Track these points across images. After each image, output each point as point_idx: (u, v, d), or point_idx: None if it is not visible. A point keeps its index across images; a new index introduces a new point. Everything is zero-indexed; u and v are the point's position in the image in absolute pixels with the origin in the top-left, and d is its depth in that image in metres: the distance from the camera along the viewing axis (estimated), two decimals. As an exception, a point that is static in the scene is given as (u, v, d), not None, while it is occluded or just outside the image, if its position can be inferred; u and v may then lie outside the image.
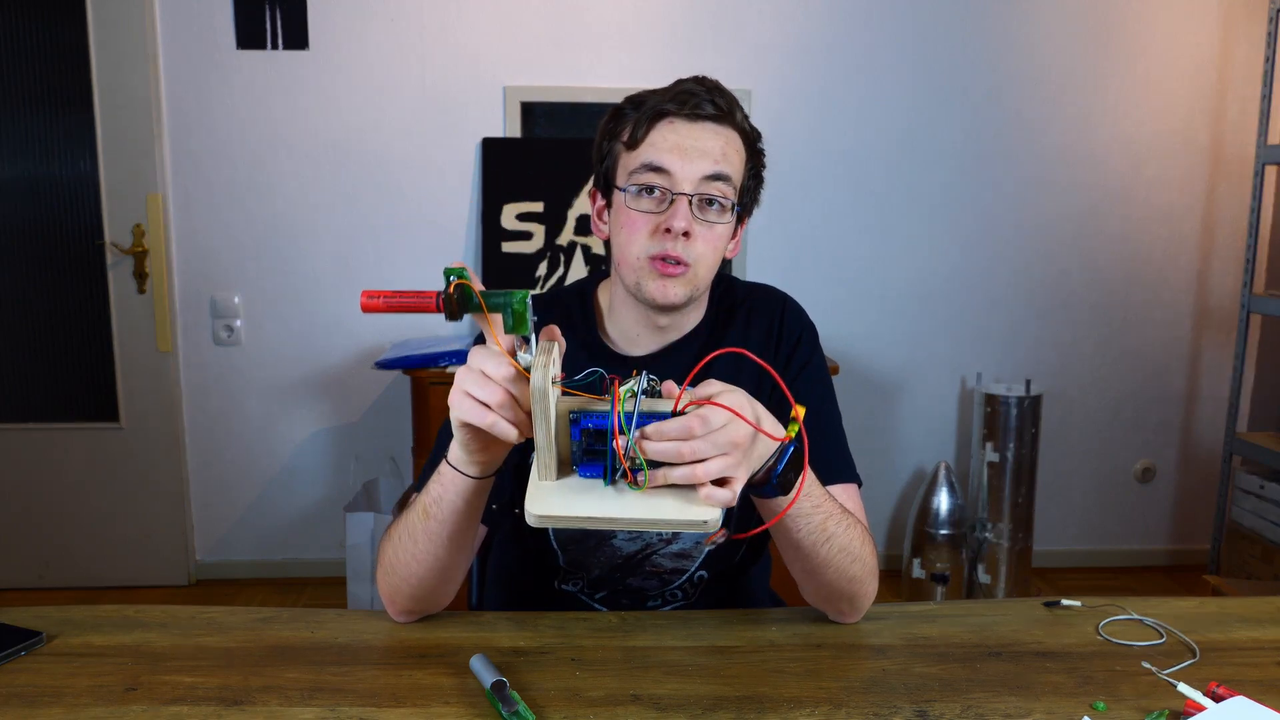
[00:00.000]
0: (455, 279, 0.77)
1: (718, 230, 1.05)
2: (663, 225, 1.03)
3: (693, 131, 1.04)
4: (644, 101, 1.06)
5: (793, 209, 2.91)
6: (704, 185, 1.03)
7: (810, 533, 0.94)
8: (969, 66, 2.88)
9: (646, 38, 2.81)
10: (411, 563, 0.98)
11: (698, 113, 1.04)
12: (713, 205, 1.04)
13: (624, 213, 1.06)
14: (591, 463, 0.82)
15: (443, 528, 0.94)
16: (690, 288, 1.06)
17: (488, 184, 2.80)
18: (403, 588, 1.01)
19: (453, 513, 0.92)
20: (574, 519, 0.79)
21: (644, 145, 1.04)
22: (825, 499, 0.96)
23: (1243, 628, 1.06)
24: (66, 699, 0.88)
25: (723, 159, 1.04)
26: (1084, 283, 3.01)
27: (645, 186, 1.04)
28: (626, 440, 0.78)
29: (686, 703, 0.88)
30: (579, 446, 0.82)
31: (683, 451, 0.78)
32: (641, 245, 1.04)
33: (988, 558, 2.83)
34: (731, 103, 1.07)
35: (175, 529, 2.95)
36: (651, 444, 0.78)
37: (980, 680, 0.93)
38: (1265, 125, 2.66)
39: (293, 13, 2.74)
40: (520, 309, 0.78)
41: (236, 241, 2.84)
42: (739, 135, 1.07)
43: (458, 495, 0.91)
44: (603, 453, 0.81)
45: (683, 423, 0.79)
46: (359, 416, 2.96)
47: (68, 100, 2.75)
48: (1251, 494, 2.72)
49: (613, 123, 1.10)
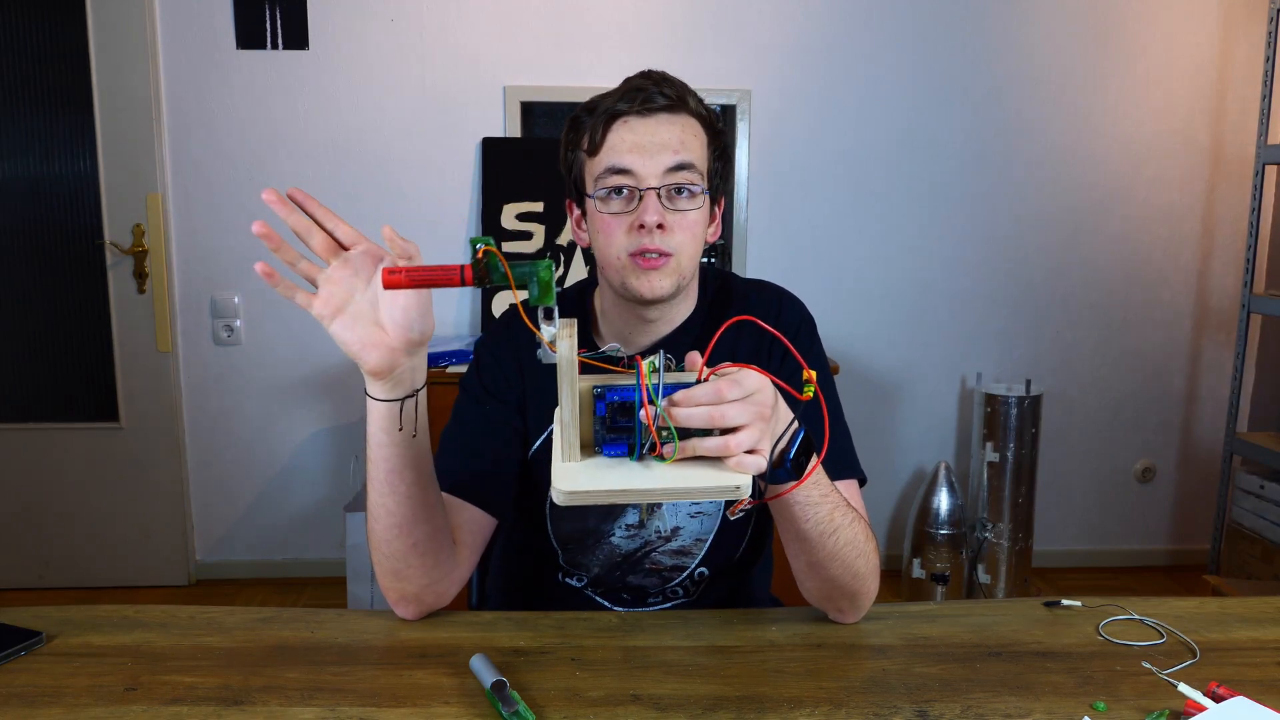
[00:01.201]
0: (483, 246, 0.76)
1: (691, 217, 1.06)
2: (636, 222, 1.04)
3: (648, 126, 1.05)
4: (596, 106, 1.07)
5: (793, 209, 2.91)
6: (669, 177, 1.04)
7: (818, 522, 0.94)
8: (969, 66, 2.88)
9: (646, 38, 2.81)
10: (376, 526, 0.97)
11: (649, 106, 1.05)
12: (681, 194, 1.05)
13: (598, 218, 1.07)
14: (615, 441, 0.80)
15: (377, 469, 0.93)
16: (676, 277, 1.06)
17: (488, 184, 2.80)
18: (383, 562, 1.00)
19: (378, 445, 0.92)
20: (605, 493, 0.77)
21: (604, 150, 1.05)
22: (832, 489, 0.95)
23: (1243, 628, 1.06)
24: (66, 699, 0.88)
25: (682, 147, 1.05)
26: (1084, 283, 3.02)
27: (613, 189, 1.05)
28: (656, 409, 0.77)
29: (686, 703, 0.88)
30: (602, 424, 0.80)
31: (713, 416, 0.76)
32: (620, 245, 1.05)
33: (988, 558, 2.83)
34: (682, 90, 1.07)
35: (175, 529, 2.95)
36: (681, 410, 0.76)
37: (980, 680, 0.93)
38: (1265, 125, 2.66)
39: (293, 13, 2.74)
40: (546, 278, 0.77)
41: (236, 241, 2.84)
42: (695, 120, 1.08)
43: (378, 427, 0.91)
44: (626, 429, 0.79)
45: (713, 386, 0.77)
46: (359, 416, 2.96)
47: (68, 100, 2.75)
48: (1251, 494, 2.72)
49: (571, 133, 1.11)
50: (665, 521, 1.15)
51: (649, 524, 1.15)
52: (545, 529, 1.17)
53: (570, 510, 1.14)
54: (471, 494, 1.08)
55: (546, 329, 0.78)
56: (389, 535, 0.97)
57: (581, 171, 1.10)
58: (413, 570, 1.00)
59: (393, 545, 0.98)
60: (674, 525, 1.15)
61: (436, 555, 1.01)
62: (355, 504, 2.61)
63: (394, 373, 0.88)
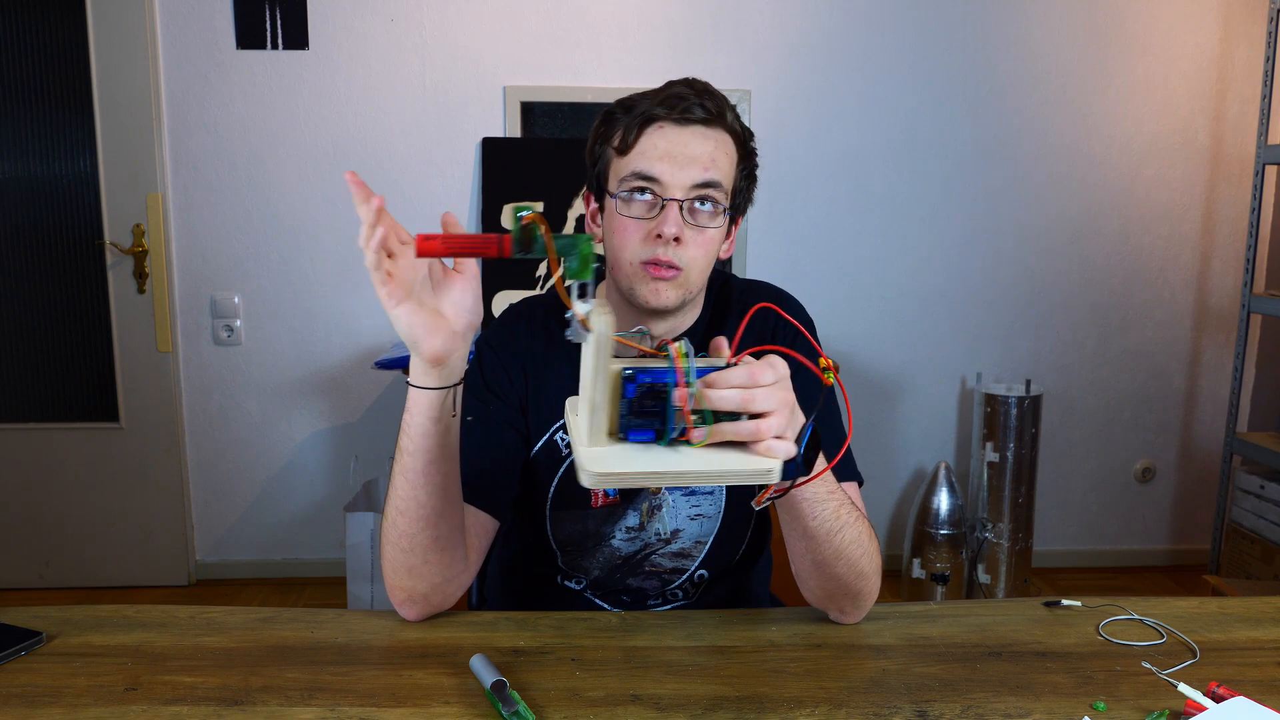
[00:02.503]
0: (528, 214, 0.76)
1: (709, 234, 1.05)
2: (654, 231, 1.03)
3: (682, 136, 1.04)
4: (634, 106, 1.06)
5: (793, 209, 2.91)
6: (694, 191, 1.03)
7: (825, 520, 0.94)
8: (969, 66, 2.88)
9: (646, 38, 2.81)
10: (400, 520, 0.96)
11: (687, 116, 1.04)
12: (704, 208, 1.04)
13: (616, 219, 1.06)
14: (642, 426, 0.78)
15: (416, 461, 0.92)
16: (683, 291, 1.06)
17: (488, 184, 2.80)
18: (400, 558, 0.99)
19: (422, 435, 0.91)
20: (636, 475, 0.76)
21: (634, 152, 1.04)
22: (837, 487, 0.95)
23: (1243, 628, 1.06)
24: (66, 699, 0.88)
25: (712, 165, 1.04)
26: (1084, 282, 3.01)
27: (636, 191, 1.04)
28: (691, 390, 0.75)
29: (686, 703, 0.88)
30: (629, 408, 0.78)
31: (745, 399, 0.76)
32: (634, 251, 1.04)
33: (988, 558, 2.83)
34: (722, 105, 1.06)
35: (175, 529, 2.95)
36: (716, 392, 0.76)
37: (980, 680, 0.93)
38: (1265, 125, 2.66)
39: (293, 13, 2.74)
40: (586, 251, 0.77)
41: (236, 241, 2.84)
42: (729, 137, 1.07)
43: (423, 417, 0.90)
44: (654, 413, 0.77)
45: (746, 370, 0.77)
46: (359, 416, 2.96)
47: (68, 100, 2.75)
48: (1251, 494, 2.72)
49: (604, 127, 1.10)
50: (665, 524, 1.15)
51: (649, 526, 1.15)
52: (545, 531, 1.16)
53: (569, 512, 1.14)
54: (477, 496, 1.07)
55: (579, 305, 0.76)
56: (415, 529, 0.96)
57: (607, 168, 1.09)
58: (429, 567, 1.00)
59: (416, 539, 0.97)
60: (674, 528, 1.15)
61: (454, 551, 1.01)
62: (355, 504, 2.61)
63: (451, 358, 0.88)
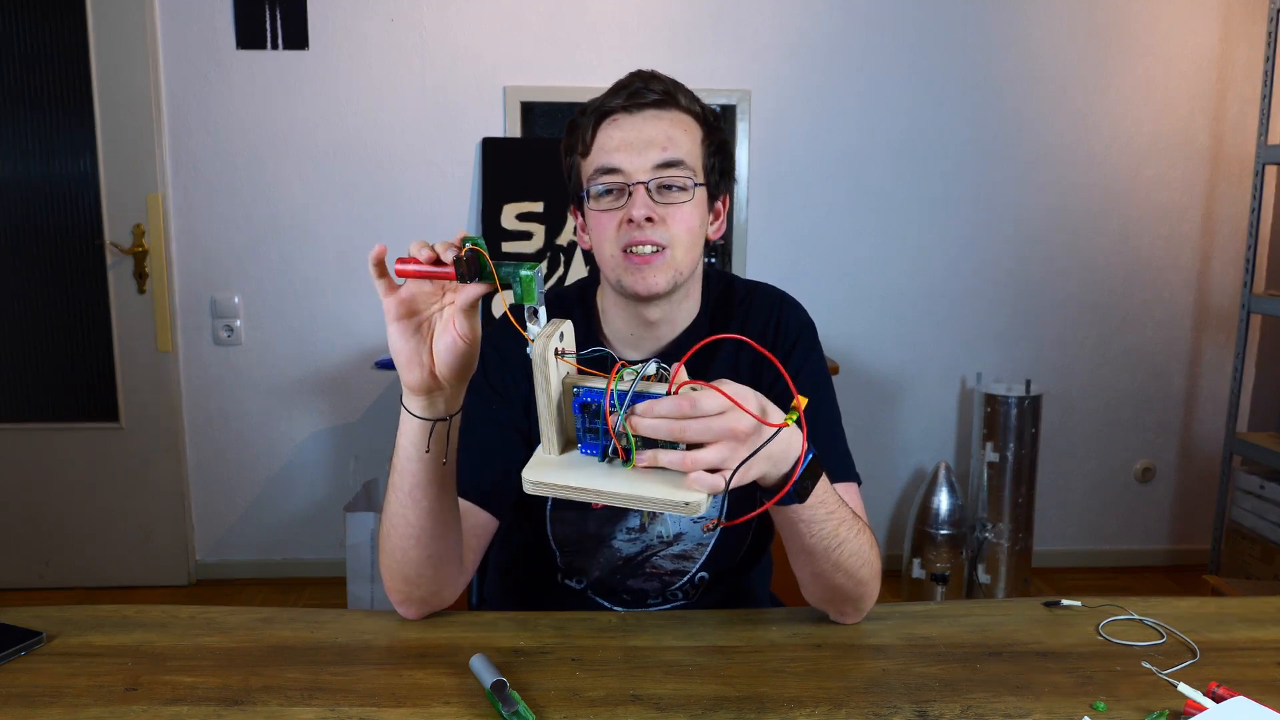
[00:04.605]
0: (470, 245, 0.80)
1: (685, 209, 1.06)
2: (625, 217, 1.04)
3: (635, 123, 1.05)
4: (588, 107, 1.09)
5: (793, 209, 2.91)
6: (657, 173, 1.04)
7: (824, 538, 0.94)
8: (969, 66, 2.88)
9: (647, 38, 2.81)
10: (393, 533, 0.97)
11: (638, 102, 1.06)
12: (671, 189, 1.05)
13: (592, 217, 1.08)
14: (591, 441, 0.83)
15: (403, 479, 0.93)
16: (671, 272, 1.06)
17: (488, 184, 2.80)
18: (394, 567, 1.00)
19: (408, 460, 0.92)
20: (562, 488, 0.81)
21: (594, 149, 1.07)
22: (839, 505, 0.95)
23: (1243, 628, 1.06)
24: (66, 699, 0.88)
25: (670, 144, 1.05)
26: (1083, 282, 3.01)
27: (603, 185, 1.06)
28: (617, 417, 0.79)
29: (686, 703, 0.88)
30: (581, 423, 0.83)
31: (673, 430, 0.78)
32: (611, 241, 1.06)
33: (988, 558, 2.83)
34: (671, 87, 1.08)
35: (175, 529, 2.95)
36: (641, 420, 0.79)
37: (980, 680, 0.93)
38: (1265, 125, 2.66)
39: (293, 13, 2.74)
40: (528, 279, 0.79)
41: (236, 241, 2.84)
42: (687, 115, 1.08)
43: (408, 440, 0.91)
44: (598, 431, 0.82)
45: (673, 402, 0.79)
46: (359, 416, 2.96)
47: (68, 100, 2.75)
48: (1251, 494, 2.72)
49: (568, 137, 1.12)
50: (667, 526, 1.15)
51: (650, 528, 1.15)
52: (545, 531, 1.16)
53: (570, 513, 1.14)
54: (479, 497, 1.08)
55: (532, 328, 0.81)
56: (405, 545, 0.97)
57: (579, 174, 1.10)
58: (424, 579, 1.01)
59: (408, 554, 0.98)
60: (676, 530, 1.15)
61: (449, 566, 1.02)
62: (355, 504, 2.61)
63: (431, 396, 0.89)
